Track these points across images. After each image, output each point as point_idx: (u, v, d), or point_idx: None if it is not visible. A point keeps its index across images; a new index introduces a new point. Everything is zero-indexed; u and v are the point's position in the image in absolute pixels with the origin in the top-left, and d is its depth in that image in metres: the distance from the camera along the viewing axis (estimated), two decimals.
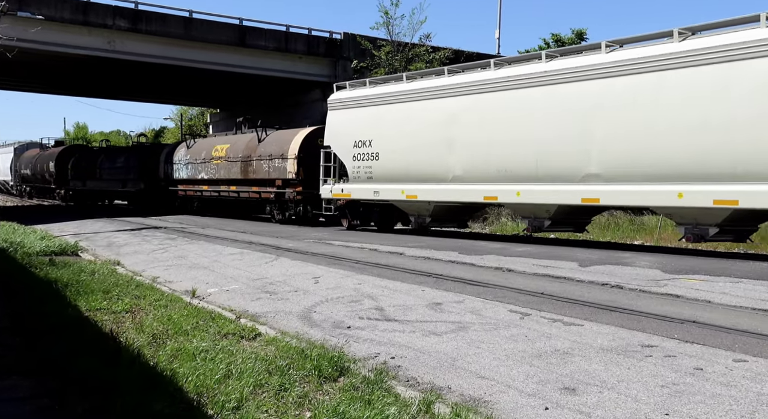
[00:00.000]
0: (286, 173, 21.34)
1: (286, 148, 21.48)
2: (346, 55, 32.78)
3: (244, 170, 23.69)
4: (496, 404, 4.18)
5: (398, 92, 17.10)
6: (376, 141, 17.49)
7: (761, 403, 4.04)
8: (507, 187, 14.41)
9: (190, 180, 27.91)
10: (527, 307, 7.27)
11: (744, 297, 7.64)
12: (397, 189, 16.82)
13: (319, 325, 6.63)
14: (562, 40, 29.98)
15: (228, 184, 25.10)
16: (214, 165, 25.81)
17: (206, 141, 29.00)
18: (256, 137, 23.47)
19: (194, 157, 27.46)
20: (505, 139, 14.38)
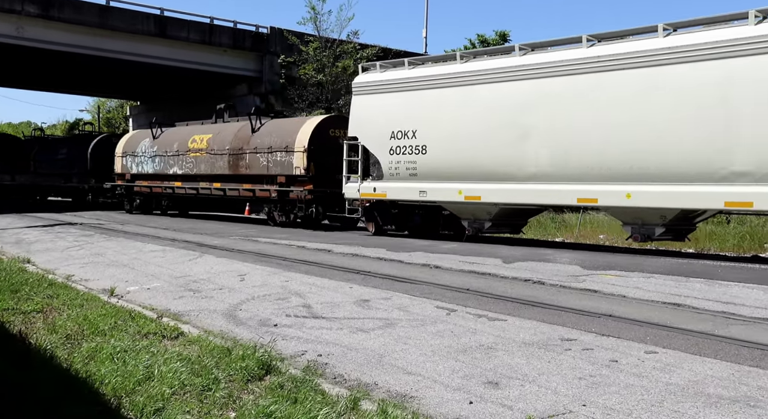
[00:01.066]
0: (292, 168, 18.52)
1: (292, 140, 18.58)
2: (273, 49, 32.32)
3: (233, 164, 20.56)
4: (422, 399, 4.22)
5: (452, 74, 14.47)
6: (423, 131, 14.82)
7: (669, 392, 4.28)
8: (612, 188, 12.03)
9: (157, 175, 24.14)
10: (453, 303, 7.39)
11: (655, 292, 8.08)
12: (452, 188, 14.27)
13: (245, 323, 6.49)
14: (487, 41, 30.74)
15: (210, 180, 21.70)
16: (192, 158, 22.25)
17: (179, 130, 24.60)
18: (249, 126, 20.31)
19: (163, 149, 23.81)
20: (601, 134, 12.16)
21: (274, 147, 19.19)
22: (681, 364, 4.94)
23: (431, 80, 14.93)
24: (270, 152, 19.28)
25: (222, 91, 34.22)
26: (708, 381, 4.50)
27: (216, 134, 21.70)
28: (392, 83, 15.73)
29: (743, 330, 6.09)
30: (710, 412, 3.90)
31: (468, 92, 14.12)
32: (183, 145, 22.84)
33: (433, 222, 15.72)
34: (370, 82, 16.29)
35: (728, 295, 7.88)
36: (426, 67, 15.43)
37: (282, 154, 18.92)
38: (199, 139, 22.34)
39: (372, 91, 16.20)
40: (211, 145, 21.51)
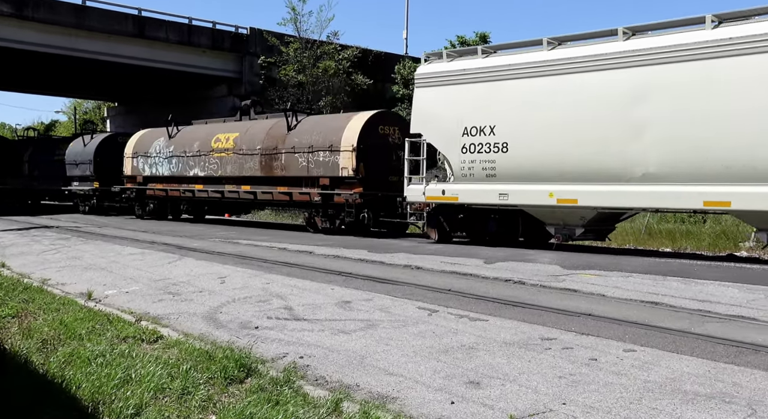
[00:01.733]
0: (338, 169, 16.67)
1: (338, 138, 16.85)
2: (252, 50, 32.17)
3: (266, 165, 18.62)
4: (404, 400, 4.22)
5: (540, 62, 12.87)
6: (503, 127, 13.27)
7: (647, 390, 4.33)
8: (755, 189, 10.49)
9: (175, 177, 22.06)
10: (435, 304, 7.41)
11: (634, 291, 8.17)
12: (540, 191, 12.66)
13: (226, 326, 6.44)
14: (467, 42, 30.85)
15: (237, 183, 19.72)
16: (216, 159, 20.31)
17: (197, 128, 22.55)
18: (285, 124, 18.42)
19: (181, 149, 21.84)
20: (749, 126, 10.54)
21: (316, 146, 17.29)
22: (659, 362, 5.00)
23: (513, 69, 13.26)
24: (311, 152, 17.39)
25: (201, 92, 33.98)
26: (685, 378, 4.57)
27: (244, 133, 19.70)
28: (464, 74, 14.01)
29: (719, 327, 6.19)
30: (687, 409, 3.95)
31: (561, 82, 12.55)
32: (205, 145, 20.79)
33: (510, 228, 14.07)
34: (436, 73, 14.57)
35: (704, 293, 8.00)
36: (504, 56, 13.79)
37: (325, 153, 17.03)
38: (224, 138, 20.31)
39: (438, 82, 14.50)
40: (239, 144, 19.49)
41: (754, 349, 5.34)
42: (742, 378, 4.56)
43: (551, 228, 13.23)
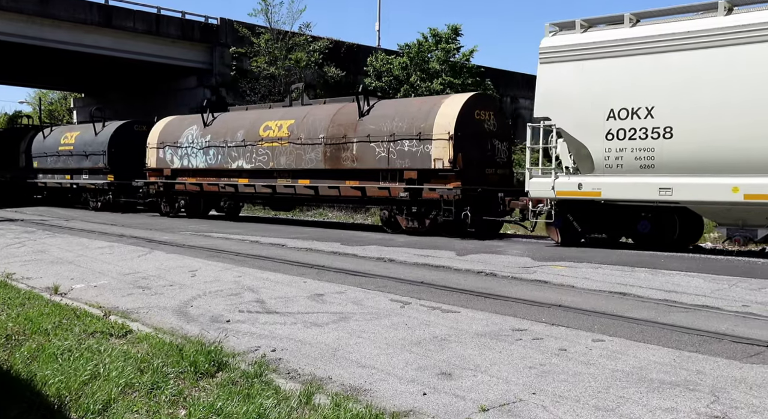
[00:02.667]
0: (430, 161, 14.54)
1: (428, 124, 14.65)
2: (223, 41, 31.76)
3: (331, 157, 16.31)
4: (376, 392, 4.23)
5: (716, 30, 10.87)
6: (665, 109, 11.25)
7: (615, 379, 4.41)
8: None
9: (212, 170, 19.56)
10: (408, 296, 7.44)
11: (603, 282, 8.31)
12: (721, 184, 10.71)
13: (197, 320, 6.37)
14: (440, 35, 30.91)
15: (293, 177, 17.29)
16: (265, 149, 17.86)
17: (239, 115, 19.98)
18: (355, 109, 16.12)
19: (220, 139, 19.26)
20: None
21: (399, 134, 15.00)
22: (626, 351, 5.10)
23: (676, 40, 11.25)
24: (392, 141, 15.08)
25: (171, 83, 33.45)
26: (651, 367, 4.66)
27: (300, 119, 17.29)
28: (607, 46, 12.00)
29: (684, 317, 6.33)
30: (653, 396, 4.04)
31: (746, 53, 10.63)
32: (252, 134, 18.30)
33: (665, 229, 12.04)
34: (568, 46, 12.47)
35: (671, 284, 8.17)
36: (661, 23, 11.69)
37: (412, 142, 14.79)
38: (275, 126, 17.83)
39: (572, 56, 12.41)
40: (296, 132, 17.10)
41: (718, 338, 5.48)
42: (705, 366, 4.67)
43: (722, 228, 11.54)
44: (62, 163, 26.55)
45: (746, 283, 8.22)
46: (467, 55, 31.56)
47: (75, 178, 25.96)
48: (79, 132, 26.00)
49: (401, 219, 15.49)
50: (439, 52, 30.75)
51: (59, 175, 27.07)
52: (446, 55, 30.78)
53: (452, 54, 31.15)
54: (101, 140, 24.52)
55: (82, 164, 25.28)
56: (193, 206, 21.06)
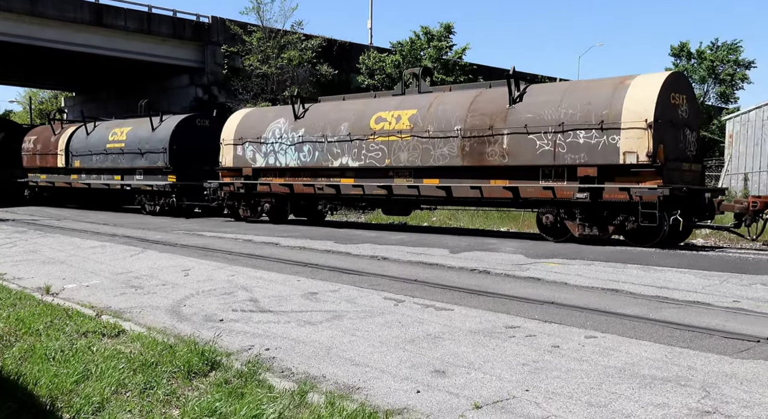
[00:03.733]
0: (617, 154, 12.04)
1: (614, 110, 12.15)
2: (215, 39, 31.66)
3: (471, 152, 13.77)
4: (370, 390, 4.24)
5: None
6: None
7: (608, 375, 4.44)
8: None
9: (307, 169, 16.98)
10: (401, 294, 7.44)
11: (595, 279, 8.35)
12: None
13: (190, 319, 6.36)
14: (432, 33, 30.93)
15: (418, 176, 14.81)
16: (379, 144, 15.38)
17: (339, 106, 17.14)
18: (505, 94, 13.61)
19: (317, 133, 16.68)
20: None
21: (571, 123, 12.58)
22: (618, 347, 5.12)
23: None
24: (561, 131, 12.68)
25: (163, 82, 33.32)
26: (643, 363, 4.69)
27: (425, 109, 14.84)
28: None
29: (676, 313, 6.37)
30: (645, 392, 4.06)
31: None
32: (360, 127, 15.80)
33: None
34: None
35: (662, 280, 8.21)
36: None
37: (590, 133, 12.37)
38: (390, 117, 15.33)
39: None
40: (421, 124, 14.70)
41: (709, 333, 5.52)
42: (696, 362, 4.70)
43: None
44: (111, 162, 23.27)
45: (737, 279, 8.28)
46: (459, 53, 31.60)
47: (127, 179, 22.86)
48: (131, 127, 22.87)
49: (572, 225, 12.94)
50: (432, 50, 30.78)
51: (106, 175, 23.85)
52: (439, 53, 30.82)
53: (444, 52, 31.19)
54: (161, 136, 21.36)
55: (136, 163, 22.30)
56: (278, 210, 18.18)
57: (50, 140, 26.73)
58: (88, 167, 24.65)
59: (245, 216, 18.91)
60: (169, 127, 21.49)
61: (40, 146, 27.23)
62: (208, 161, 20.19)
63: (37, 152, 27.38)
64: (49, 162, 26.44)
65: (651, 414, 3.70)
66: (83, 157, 24.87)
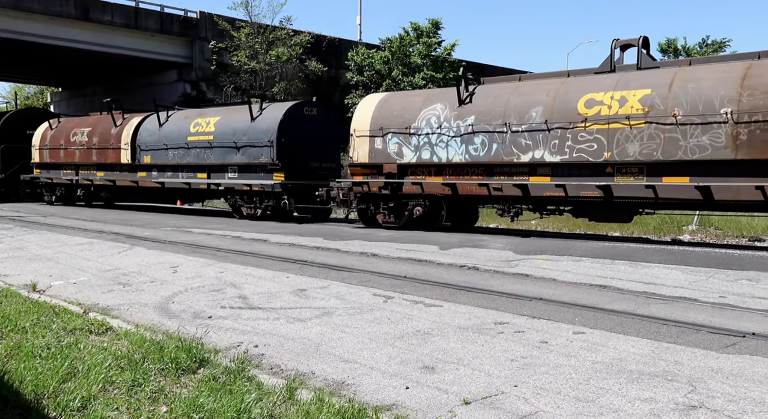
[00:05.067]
0: None
1: None
2: (203, 35, 31.50)
3: (751, 141, 10.80)
4: (359, 386, 4.24)
5: None
6: None
7: (595, 370, 4.46)
8: None
9: (479, 165, 13.87)
10: (390, 290, 7.45)
11: (583, 275, 8.39)
12: None
13: (178, 316, 6.33)
14: (421, 29, 30.93)
15: (652, 173, 11.76)
16: (593, 133, 12.24)
17: (516, 88, 14.04)
18: None
19: (494, 120, 13.59)
20: None
21: None
22: (606, 343, 5.16)
23: None
24: None
25: (150, 77, 33.10)
26: (630, 358, 4.72)
27: (665, 88, 11.74)
28: None
29: (663, 308, 6.42)
30: (632, 387, 4.09)
31: None
32: (562, 113, 12.73)
33: None
34: None
35: (650, 276, 8.27)
36: None
37: None
38: (608, 99, 12.24)
39: None
40: (661, 106, 11.59)
41: (695, 329, 5.57)
42: (683, 357, 4.74)
43: None
44: (194, 158, 19.47)
45: (723, 274, 8.35)
46: (448, 49, 31.63)
47: (215, 177, 19.01)
48: (219, 117, 19.24)
49: None
50: (421, 46, 30.78)
51: (187, 172, 19.89)
52: (428, 50, 30.82)
53: (434, 48, 31.20)
54: (265, 127, 17.75)
55: (229, 159, 18.51)
56: (431, 214, 14.85)
57: (110, 132, 22.33)
58: (162, 163, 20.62)
59: (385, 222, 15.42)
60: (276, 117, 17.75)
61: (96, 140, 22.76)
62: (316, 156, 17.82)
63: (92, 146, 22.94)
64: (109, 157, 22.25)
65: (638, 408, 3.72)
66: (155, 151, 20.82)
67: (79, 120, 25.29)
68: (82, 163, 23.65)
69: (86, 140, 23.38)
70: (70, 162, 24.02)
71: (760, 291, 7.23)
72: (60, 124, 25.05)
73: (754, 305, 6.52)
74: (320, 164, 18.02)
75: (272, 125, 17.64)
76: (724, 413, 3.63)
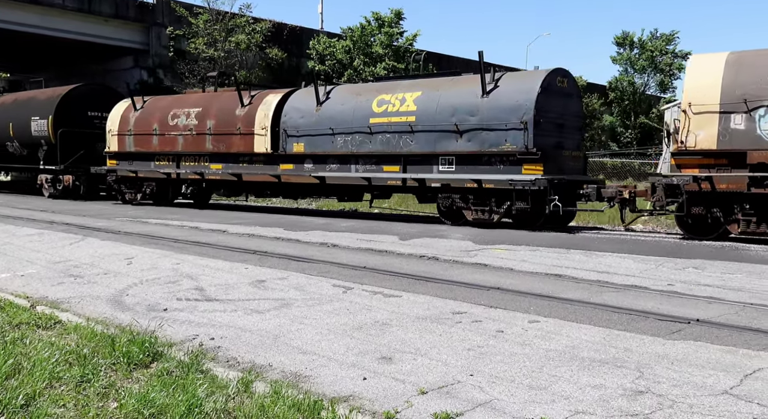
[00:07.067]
0: None
1: None
2: (160, 21, 30.75)
3: None
4: (316, 378, 4.23)
5: None
6: None
7: (549, 358, 4.55)
8: None
9: None
10: (350, 281, 7.44)
11: (540, 264, 8.54)
12: None
13: (132, 309, 6.19)
14: (382, 19, 30.81)
15: None
16: None
17: None
18: None
19: None
20: None
21: None
22: (560, 331, 5.26)
23: None
24: None
25: (106, 64, 32.19)
26: (583, 346, 4.83)
27: None
28: None
29: (615, 296, 6.58)
30: (583, 374, 4.19)
31: None
32: None
33: None
34: None
35: (603, 265, 8.47)
36: None
37: None
38: None
39: None
40: None
41: (644, 316, 5.73)
42: (632, 344, 4.88)
43: None
44: (380, 145, 14.83)
45: (672, 263, 8.61)
46: (411, 40, 31.61)
47: (415, 171, 14.43)
48: (421, 92, 14.60)
49: None
50: (383, 36, 30.68)
51: (366, 164, 15.18)
52: (390, 40, 30.75)
53: (395, 38, 31.14)
54: (511, 104, 13.30)
55: (443, 147, 14.01)
56: None
57: (234, 113, 17.51)
58: (322, 153, 15.78)
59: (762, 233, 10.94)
60: (528, 90, 13.33)
61: (212, 123, 17.91)
62: (567, 142, 14.01)
63: (205, 131, 17.98)
64: (234, 145, 17.37)
65: (588, 395, 3.81)
66: (312, 138, 15.97)
67: (176, 98, 20.68)
68: (188, 153, 18.40)
69: (195, 124, 18.22)
70: (168, 151, 18.82)
71: (705, 279, 7.49)
72: (149, 103, 20.10)
73: (700, 292, 6.74)
74: (570, 153, 14.00)
75: (524, 101, 13.16)
76: (668, 397, 3.75)
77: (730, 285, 7.17)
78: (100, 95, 23.22)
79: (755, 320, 5.59)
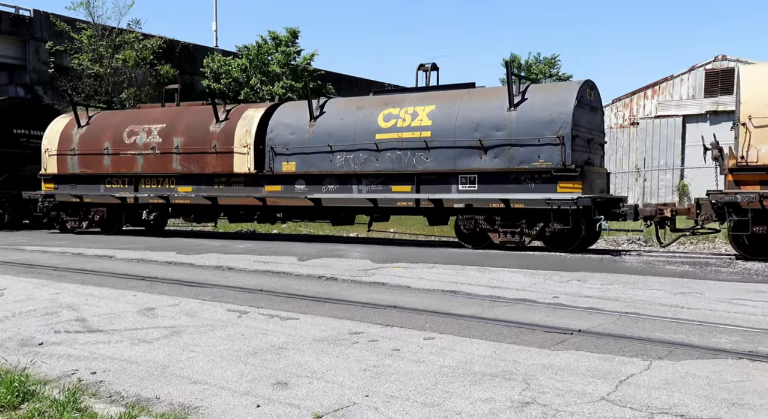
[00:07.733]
0: None
1: None
2: (38, 35, 28.94)
3: None
4: (206, 408, 4.06)
5: None
6: None
7: (443, 374, 4.65)
8: None
9: None
10: (246, 305, 7.26)
11: (437, 281, 8.74)
12: None
13: (2, 345, 5.69)
14: (279, 38, 30.71)
15: None
16: None
17: None
18: None
19: None
20: None
21: None
22: (454, 347, 5.39)
23: None
24: None
25: None
26: (475, 361, 4.98)
27: None
28: None
29: (506, 311, 6.85)
30: (475, 389, 4.31)
31: None
32: None
33: None
34: None
35: (496, 280, 8.81)
36: None
37: None
38: None
39: None
40: None
41: (532, 329, 6.00)
42: (520, 356, 5.08)
43: None
44: (389, 164, 13.79)
45: (557, 276, 9.10)
46: (308, 59, 31.68)
47: (430, 191, 13.44)
48: (434, 106, 13.66)
49: None
50: (280, 55, 30.55)
51: (370, 185, 14.06)
52: (287, 59, 30.66)
53: (293, 57, 31.10)
54: (544, 117, 12.51)
55: (464, 164, 13.12)
56: None
57: (208, 130, 15.95)
58: (317, 172, 14.62)
59: None
60: (564, 102, 12.56)
61: (181, 140, 16.17)
62: (593, 158, 13.36)
63: (171, 150, 16.27)
64: (209, 165, 15.78)
65: (479, 409, 3.92)
66: (305, 156, 14.72)
67: (131, 113, 18.48)
68: (149, 175, 16.65)
69: (158, 142, 16.45)
70: (124, 172, 16.95)
71: (586, 290, 7.97)
72: (96, 118, 18.07)
73: (582, 303, 7.17)
74: (598, 169, 13.44)
75: (559, 114, 12.35)
76: (552, 407, 3.93)
77: (608, 295, 7.67)
78: (29, 110, 20.74)
79: (629, 328, 6.00)
